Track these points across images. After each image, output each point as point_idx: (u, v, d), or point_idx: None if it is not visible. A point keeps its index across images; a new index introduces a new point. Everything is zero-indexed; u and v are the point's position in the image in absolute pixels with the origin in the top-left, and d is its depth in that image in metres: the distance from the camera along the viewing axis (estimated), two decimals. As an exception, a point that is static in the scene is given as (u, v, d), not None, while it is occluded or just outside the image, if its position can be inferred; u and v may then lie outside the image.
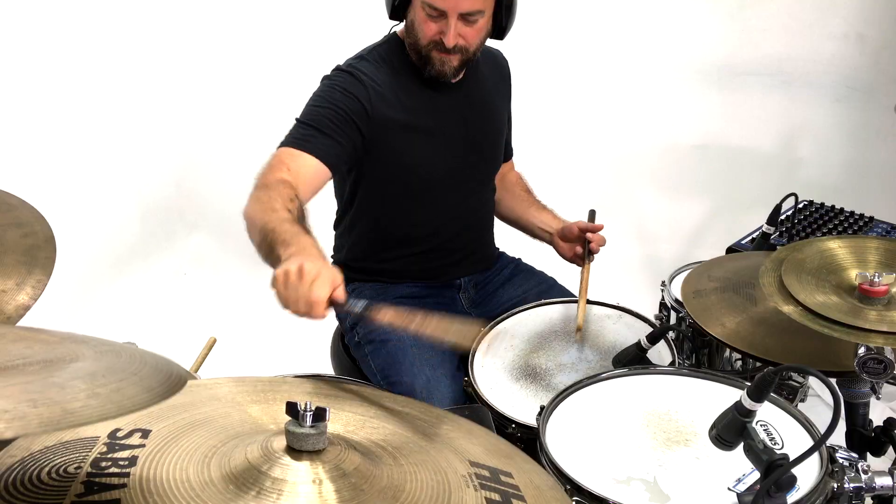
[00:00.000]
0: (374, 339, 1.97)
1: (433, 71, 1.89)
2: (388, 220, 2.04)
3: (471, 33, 1.85)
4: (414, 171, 1.98)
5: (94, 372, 0.82)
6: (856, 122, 3.41)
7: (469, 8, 1.80)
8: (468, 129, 2.03)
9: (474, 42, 1.87)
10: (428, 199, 2.02)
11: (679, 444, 1.43)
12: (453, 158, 2.01)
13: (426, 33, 1.84)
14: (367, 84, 1.88)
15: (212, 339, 1.93)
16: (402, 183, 1.99)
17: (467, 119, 2.02)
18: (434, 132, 1.98)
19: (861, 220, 2.47)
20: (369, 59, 1.95)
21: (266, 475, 0.94)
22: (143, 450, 0.98)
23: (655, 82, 3.47)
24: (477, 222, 2.16)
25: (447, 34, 1.81)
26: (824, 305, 1.47)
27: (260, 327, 3.12)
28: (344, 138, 1.85)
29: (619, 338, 1.89)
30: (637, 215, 3.56)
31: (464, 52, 1.87)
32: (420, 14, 1.83)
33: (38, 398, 0.73)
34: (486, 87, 2.07)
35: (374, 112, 1.88)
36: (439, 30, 1.82)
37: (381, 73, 1.93)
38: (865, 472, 1.35)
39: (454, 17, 1.80)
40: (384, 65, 1.94)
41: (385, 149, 1.93)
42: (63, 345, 0.91)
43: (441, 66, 1.87)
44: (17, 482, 0.90)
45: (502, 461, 1.12)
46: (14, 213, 1.30)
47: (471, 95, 2.03)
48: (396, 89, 1.93)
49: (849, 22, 3.33)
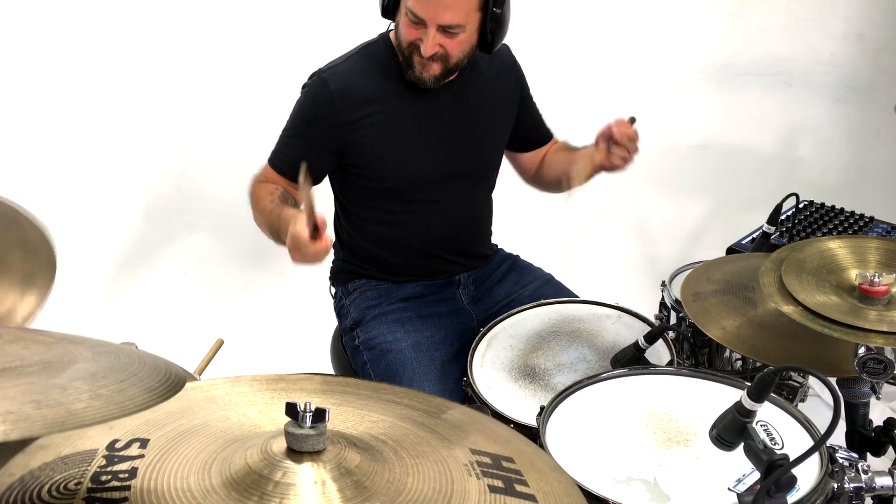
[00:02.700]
0: (374, 346, 1.98)
1: (413, 76, 1.88)
2: (379, 218, 2.05)
3: (451, 44, 1.83)
4: (397, 170, 1.98)
5: (94, 373, 0.82)
6: (856, 122, 3.41)
7: (449, 21, 1.79)
8: (456, 132, 2.01)
9: (456, 53, 1.85)
10: (416, 197, 2.02)
11: (679, 444, 1.43)
12: (439, 157, 2.01)
13: (407, 37, 1.85)
14: (333, 90, 1.91)
15: (219, 340, 1.91)
16: (387, 182, 1.99)
17: (456, 122, 2.01)
18: (417, 130, 1.97)
19: (861, 220, 2.47)
20: (356, 57, 1.97)
21: (268, 479, 0.94)
22: (142, 460, 0.97)
23: (655, 82, 3.47)
24: (470, 220, 2.15)
25: (425, 43, 1.81)
26: (824, 305, 1.47)
27: (260, 327, 3.12)
28: (318, 154, 1.94)
29: (619, 338, 1.89)
30: (637, 215, 3.56)
31: (444, 62, 1.85)
32: (404, 17, 1.83)
33: (42, 399, 0.73)
34: (483, 90, 2.04)
35: (342, 118, 1.91)
36: (418, 37, 1.82)
37: (361, 74, 1.94)
38: (865, 472, 1.35)
39: (433, 27, 1.79)
40: (370, 63, 1.95)
41: (364, 150, 1.94)
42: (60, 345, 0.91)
43: (421, 71, 1.86)
44: (19, 501, 0.90)
45: (502, 446, 1.11)
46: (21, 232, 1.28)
47: (463, 98, 2.00)
48: (377, 90, 1.93)
49: (849, 22, 3.33)
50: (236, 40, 3.33)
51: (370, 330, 2.01)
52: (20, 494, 0.91)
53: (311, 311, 2.48)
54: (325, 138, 1.94)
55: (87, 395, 0.76)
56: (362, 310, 2.05)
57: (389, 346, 1.95)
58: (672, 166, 3.51)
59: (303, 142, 1.96)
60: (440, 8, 1.78)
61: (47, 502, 0.90)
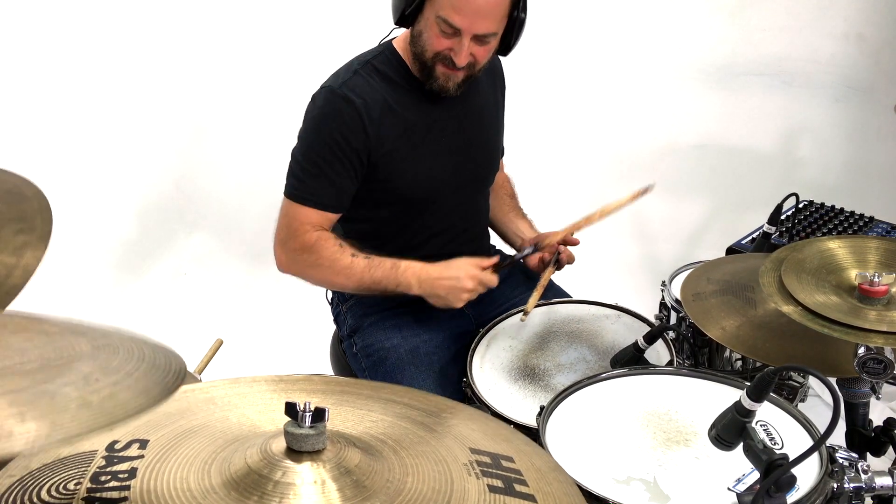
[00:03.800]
0: (372, 353, 1.97)
1: (435, 85, 1.84)
2: (382, 227, 2.02)
3: (481, 52, 1.81)
4: (412, 184, 1.95)
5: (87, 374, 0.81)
6: (856, 122, 3.41)
7: (485, 30, 1.76)
8: (466, 138, 2.00)
9: (483, 60, 1.84)
10: (425, 208, 2.00)
11: (679, 444, 1.43)
12: (450, 168, 1.99)
13: (435, 47, 1.79)
14: (360, 109, 1.83)
15: (218, 340, 1.92)
16: (400, 195, 1.96)
17: (465, 128, 2.00)
18: (432, 144, 1.95)
19: (861, 220, 2.47)
20: (362, 72, 1.88)
21: (268, 479, 0.94)
22: (142, 461, 0.97)
23: (655, 82, 3.47)
24: (473, 226, 2.14)
25: (459, 54, 1.77)
26: (824, 305, 1.47)
27: (260, 328, 3.12)
28: (347, 178, 1.87)
29: (618, 338, 1.89)
30: (637, 215, 3.55)
31: (470, 69, 1.83)
32: (433, 28, 1.77)
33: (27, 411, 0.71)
34: (482, 93, 2.04)
35: (373, 138, 1.85)
36: (450, 46, 1.78)
37: (374, 88, 1.87)
38: (865, 472, 1.35)
39: (468, 37, 1.76)
40: (377, 78, 1.89)
41: (385, 168, 1.90)
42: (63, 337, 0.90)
43: (445, 81, 1.83)
44: (18, 502, 0.90)
45: (502, 445, 1.12)
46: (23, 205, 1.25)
47: (468, 104, 1.99)
48: (392, 104, 1.88)
49: (849, 22, 3.33)
50: (237, 41, 3.33)
51: (368, 337, 2.00)
52: (20, 495, 0.91)
53: (310, 311, 2.48)
54: (359, 160, 1.86)
55: (76, 405, 0.74)
56: (359, 317, 2.04)
57: (387, 352, 1.94)
58: (672, 166, 3.52)
59: (335, 168, 1.86)
60: (478, 18, 1.74)
61: (47, 502, 0.90)
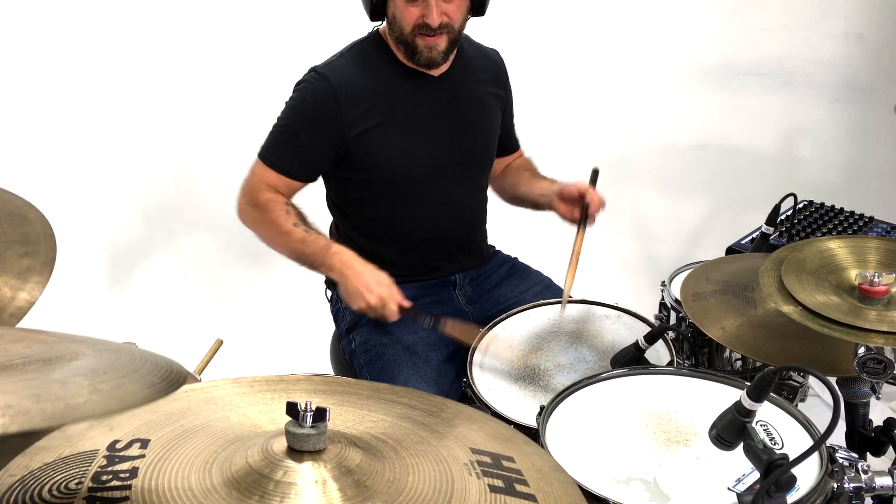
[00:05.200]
0: (370, 349, 1.98)
1: (422, 59, 1.91)
2: (374, 214, 2.05)
3: (451, 9, 1.87)
4: (394, 166, 1.99)
5: (94, 369, 0.82)
6: (856, 122, 3.41)
7: None
8: (452, 123, 2.03)
9: (457, 18, 1.90)
10: (411, 193, 2.03)
11: (679, 444, 1.43)
12: (435, 151, 2.02)
13: (408, 19, 1.87)
14: (336, 86, 1.91)
15: (218, 340, 1.92)
16: (384, 178, 2.00)
17: (451, 112, 2.03)
18: (414, 126, 1.99)
19: (861, 220, 2.47)
20: (348, 55, 1.99)
21: (269, 478, 0.94)
22: (143, 460, 0.97)
23: (655, 82, 3.47)
24: (466, 217, 2.15)
25: (430, 14, 1.84)
26: (824, 305, 1.47)
27: (260, 328, 3.12)
28: (315, 150, 1.96)
29: (618, 338, 1.89)
30: (637, 215, 3.56)
31: (449, 31, 1.89)
32: (399, 3, 1.86)
33: (42, 394, 0.73)
34: (475, 81, 2.08)
35: (348, 115, 1.92)
36: (420, 13, 1.85)
37: (357, 70, 1.95)
38: (865, 472, 1.35)
39: None
40: (362, 59, 1.98)
41: (363, 145, 1.94)
42: (62, 344, 0.91)
43: (429, 52, 1.90)
44: (19, 502, 0.90)
45: (503, 445, 1.12)
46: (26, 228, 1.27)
47: (456, 88, 2.03)
48: (374, 85, 1.95)
49: (849, 22, 3.33)
50: (236, 41, 3.34)
51: (365, 333, 2.01)
52: (21, 494, 0.91)
53: (310, 311, 2.48)
54: (330, 135, 1.94)
55: (87, 390, 0.76)
56: (357, 314, 2.05)
57: (384, 348, 1.94)
58: (672, 166, 3.52)
59: (304, 139, 1.95)
60: None
61: (48, 502, 0.90)
